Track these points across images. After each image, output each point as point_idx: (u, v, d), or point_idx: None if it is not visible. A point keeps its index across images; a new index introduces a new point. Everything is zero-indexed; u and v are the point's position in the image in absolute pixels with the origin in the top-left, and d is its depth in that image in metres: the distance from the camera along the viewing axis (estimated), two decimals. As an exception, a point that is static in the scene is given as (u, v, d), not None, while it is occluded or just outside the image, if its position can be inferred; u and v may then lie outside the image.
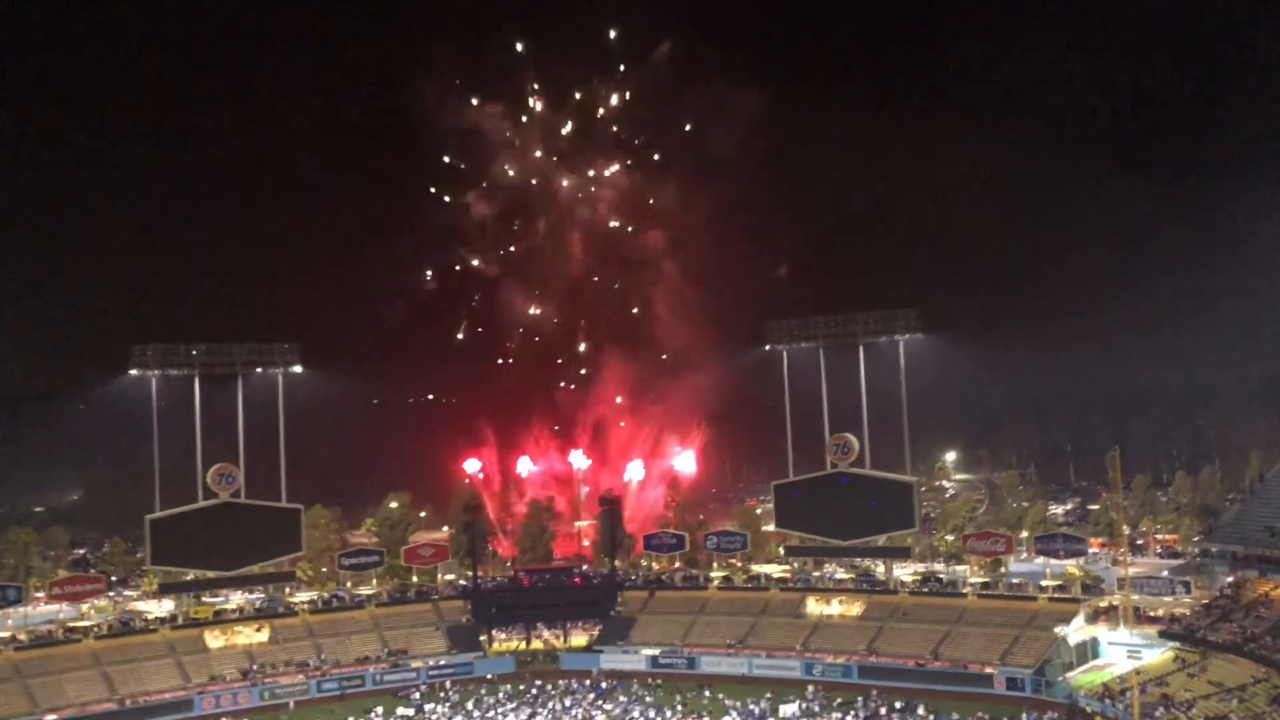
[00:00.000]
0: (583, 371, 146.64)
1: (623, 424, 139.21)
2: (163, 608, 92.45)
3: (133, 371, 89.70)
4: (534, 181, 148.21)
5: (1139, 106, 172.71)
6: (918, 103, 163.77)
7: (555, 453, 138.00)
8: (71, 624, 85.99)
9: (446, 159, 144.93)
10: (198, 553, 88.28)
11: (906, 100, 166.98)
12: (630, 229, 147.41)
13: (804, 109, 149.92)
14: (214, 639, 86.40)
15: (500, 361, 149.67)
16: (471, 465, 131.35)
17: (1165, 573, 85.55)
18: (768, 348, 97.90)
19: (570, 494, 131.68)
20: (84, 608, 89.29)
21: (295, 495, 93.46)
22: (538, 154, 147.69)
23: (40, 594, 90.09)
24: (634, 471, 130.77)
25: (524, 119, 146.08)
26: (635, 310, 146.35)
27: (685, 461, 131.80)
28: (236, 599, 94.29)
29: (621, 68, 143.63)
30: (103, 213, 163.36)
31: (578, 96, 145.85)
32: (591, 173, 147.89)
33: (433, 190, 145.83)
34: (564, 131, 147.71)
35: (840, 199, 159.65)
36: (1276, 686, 61.07)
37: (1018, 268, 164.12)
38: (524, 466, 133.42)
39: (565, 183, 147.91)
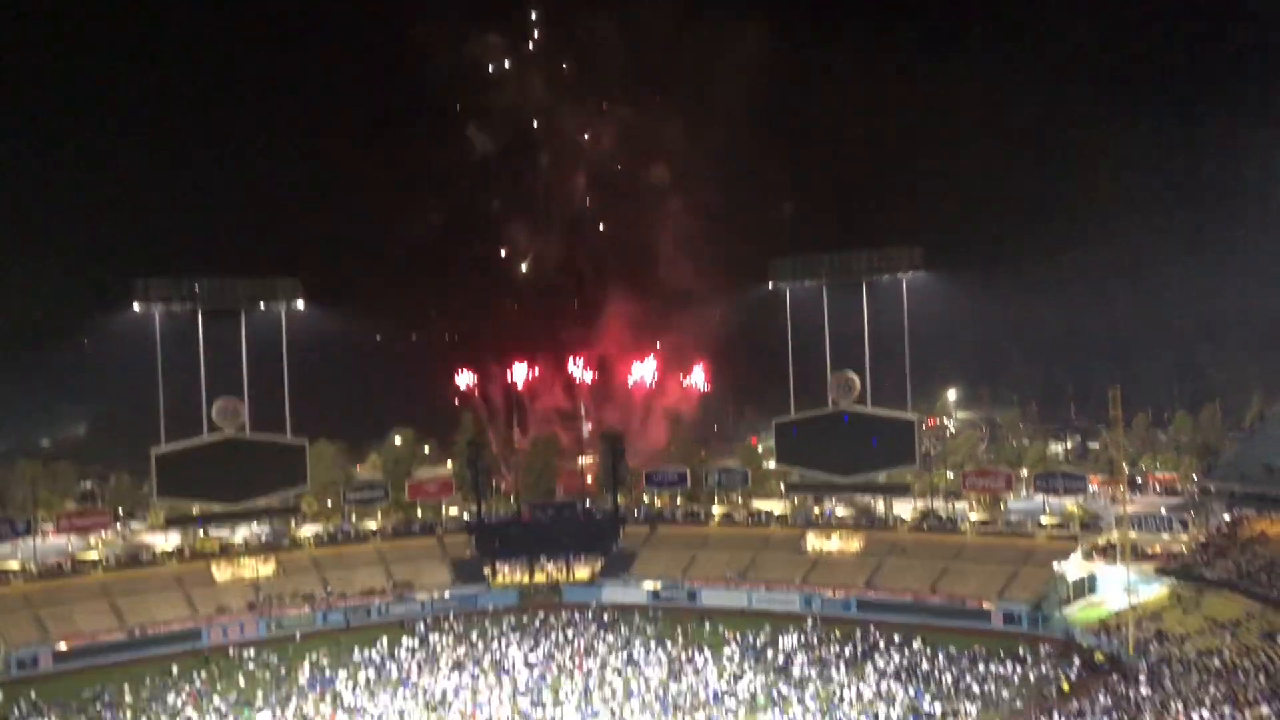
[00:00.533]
0: (586, 306, 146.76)
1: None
2: (169, 541, 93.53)
3: (135, 306, 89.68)
4: (535, 116, 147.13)
5: (1148, 36, 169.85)
6: (923, 38, 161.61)
7: (560, 389, 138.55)
8: (80, 556, 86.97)
9: (445, 92, 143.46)
10: (203, 487, 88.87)
11: (912, 35, 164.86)
12: (634, 164, 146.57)
13: (809, 44, 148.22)
14: (220, 571, 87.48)
15: (504, 297, 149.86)
16: (464, 379, 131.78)
17: (1163, 510, 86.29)
18: (770, 286, 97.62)
19: (574, 430, 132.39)
20: (92, 540, 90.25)
21: (299, 430, 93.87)
22: (539, 88, 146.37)
23: (48, 526, 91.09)
24: (645, 370, 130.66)
25: (525, 50, 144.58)
26: (638, 246, 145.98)
27: (697, 377, 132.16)
28: (242, 532, 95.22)
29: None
30: (106, 146, 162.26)
31: (580, 33, 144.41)
32: (600, 105, 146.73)
33: (433, 125, 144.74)
34: (566, 65, 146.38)
35: (845, 136, 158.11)
36: (1269, 622, 61.84)
37: (1022, 204, 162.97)
38: (519, 374, 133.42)
39: (567, 117, 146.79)
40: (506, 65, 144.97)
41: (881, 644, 73.43)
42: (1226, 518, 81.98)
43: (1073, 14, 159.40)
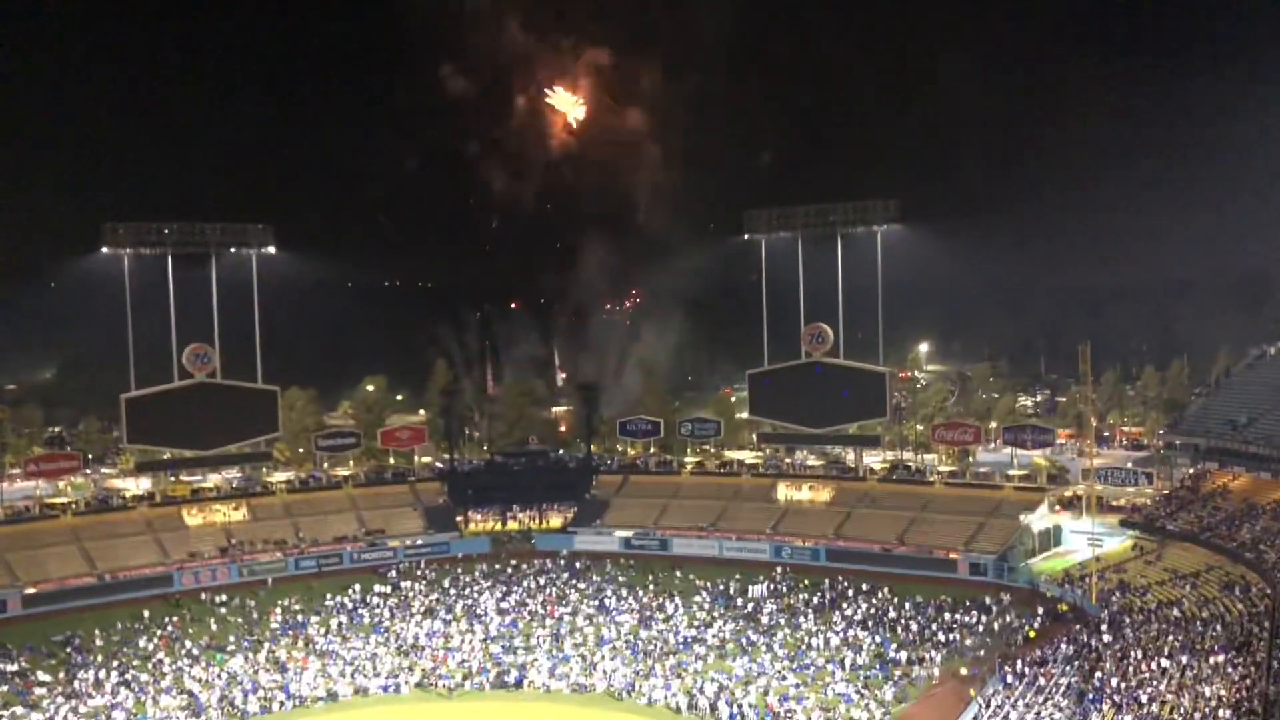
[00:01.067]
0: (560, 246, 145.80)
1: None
2: (140, 486, 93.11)
3: (105, 250, 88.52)
4: (511, 59, 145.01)
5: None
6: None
7: (535, 335, 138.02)
8: (49, 501, 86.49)
9: (418, 33, 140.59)
10: (174, 432, 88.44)
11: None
12: (610, 110, 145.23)
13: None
14: (192, 517, 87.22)
15: (478, 242, 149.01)
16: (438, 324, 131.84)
17: (1129, 464, 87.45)
18: (746, 237, 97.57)
19: (548, 378, 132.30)
20: (61, 485, 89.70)
21: (271, 377, 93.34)
22: (514, 30, 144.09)
23: (16, 471, 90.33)
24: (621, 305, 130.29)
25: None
26: (614, 193, 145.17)
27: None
28: (214, 478, 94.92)
29: None
30: (75, 88, 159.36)
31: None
32: (576, 50, 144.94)
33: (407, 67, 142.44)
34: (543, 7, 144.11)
35: (821, 87, 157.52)
36: (1228, 574, 63.06)
37: (996, 158, 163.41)
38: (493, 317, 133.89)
39: (544, 60, 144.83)
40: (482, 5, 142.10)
41: (850, 593, 74.42)
42: (1190, 472, 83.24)
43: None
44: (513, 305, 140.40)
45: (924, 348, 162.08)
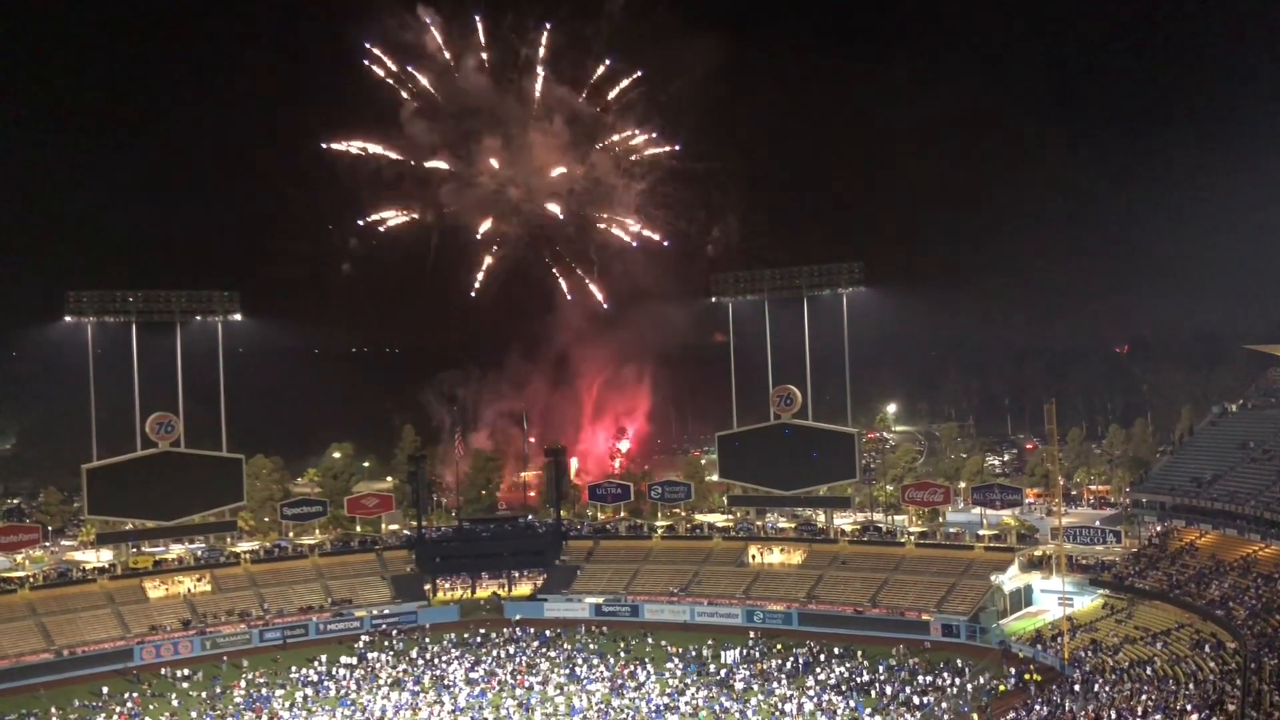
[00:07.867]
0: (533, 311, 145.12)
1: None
2: (101, 558, 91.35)
3: (68, 318, 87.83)
4: (477, 115, 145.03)
5: (1086, 64, 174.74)
6: (864, 57, 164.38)
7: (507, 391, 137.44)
8: (5, 574, 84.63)
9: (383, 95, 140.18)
10: (136, 502, 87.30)
11: (853, 54, 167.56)
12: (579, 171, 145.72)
13: (751, 62, 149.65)
14: (154, 589, 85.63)
15: (446, 304, 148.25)
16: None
17: (1097, 522, 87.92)
18: (714, 300, 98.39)
19: (519, 439, 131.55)
20: (18, 558, 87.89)
21: (236, 445, 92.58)
22: (482, 84, 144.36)
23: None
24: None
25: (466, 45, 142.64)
26: (584, 256, 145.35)
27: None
28: (177, 549, 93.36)
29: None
30: (38, 157, 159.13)
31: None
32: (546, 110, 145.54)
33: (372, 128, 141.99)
34: (511, 69, 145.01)
35: (786, 152, 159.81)
36: (1198, 631, 63.19)
37: (961, 222, 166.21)
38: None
39: (512, 117, 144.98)
40: (442, 51, 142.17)
41: (823, 656, 73.84)
42: (1157, 529, 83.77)
43: (1014, 40, 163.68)
44: (486, 369, 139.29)
45: (892, 408, 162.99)
